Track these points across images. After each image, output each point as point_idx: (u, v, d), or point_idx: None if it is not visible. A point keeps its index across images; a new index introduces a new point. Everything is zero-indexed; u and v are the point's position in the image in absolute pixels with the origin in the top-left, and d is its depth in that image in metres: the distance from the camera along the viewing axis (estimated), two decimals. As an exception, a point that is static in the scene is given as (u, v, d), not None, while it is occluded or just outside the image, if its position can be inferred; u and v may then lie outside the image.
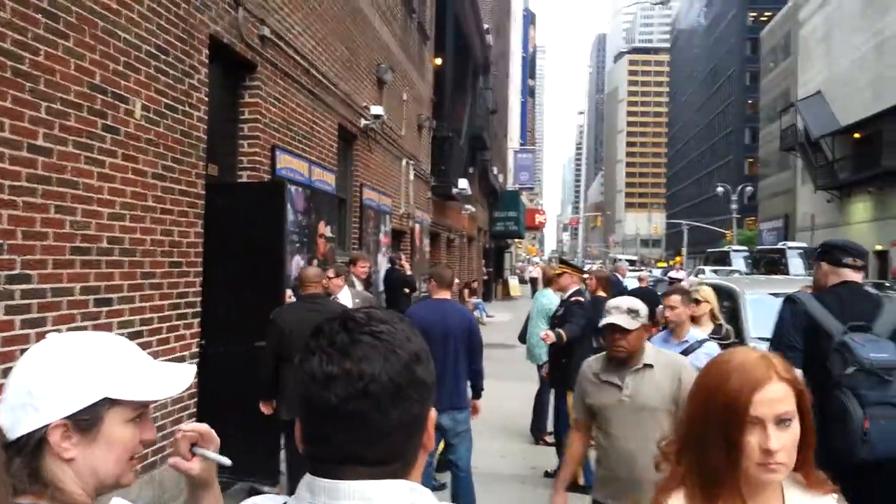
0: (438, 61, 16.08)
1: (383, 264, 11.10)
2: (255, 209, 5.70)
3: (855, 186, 32.91)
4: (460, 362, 4.56)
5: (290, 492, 0.91)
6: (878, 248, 31.53)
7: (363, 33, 9.01)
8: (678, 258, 57.98)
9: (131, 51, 4.11)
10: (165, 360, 1.45)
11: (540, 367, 6.92)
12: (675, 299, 4.15)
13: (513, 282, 35.18)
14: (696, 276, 18.02)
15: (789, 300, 3.33)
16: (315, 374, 0.83)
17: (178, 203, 4.76)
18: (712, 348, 3.85)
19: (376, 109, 9.09)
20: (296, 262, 6.93)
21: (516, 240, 44.34)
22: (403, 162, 11.83)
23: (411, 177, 12.29)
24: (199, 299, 5.03)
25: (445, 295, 4.70)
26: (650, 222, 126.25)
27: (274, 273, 5.58)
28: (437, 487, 5.16)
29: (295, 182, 6.75)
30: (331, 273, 5.98)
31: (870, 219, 32.61)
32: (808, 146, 37.26)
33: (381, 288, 10.90)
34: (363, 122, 8.97)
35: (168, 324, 4.62)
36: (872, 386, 2.86)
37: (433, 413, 0.90)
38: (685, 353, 3.74)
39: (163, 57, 4.47)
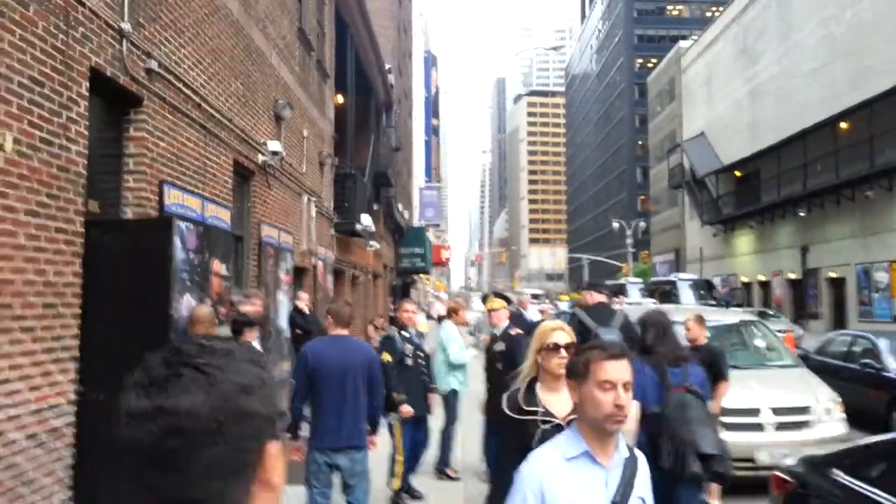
0: (340, 99, 16.13)
1: (284, 303, 10.84)
2: (140, 247, 5.46)
3: (738, 221, 35.27)
4: (360, 400, 4.47)
5: None
6: (761, 278, 33.79)
7: (260, 69, 8.92)
8: (577, 293, 59.69)
9: (2, 82, 3.90)
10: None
11: (445, 398, 6.93)
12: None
13: (420, 318, 35.17)
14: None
15: (571, 314, 6.40)
16: (128, 410, 0.77)
17: (54, 241, 4.48)
18: None
19: (274, 145, 8.96)
20: (186, 302, 6.66)
21: (423, 275, 44.54)
22: (305, 198, 11.69)
23: (313, 213, 12.15)
24: (76, 343, 4.73)
25: (343, 332, 4.61)
26: (553, 257, 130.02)
27: (159, 313, 5.33)
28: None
29: (186, 218, 6.52)
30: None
31: (752, 251, 34.97)
32: (693, 184, 39.74)
33: (284, 325, 10.62)
34: (261, 157, 8.82)
35: (41, 369, 4.31)
36: None
37: (274, 446, 0.84)
38: None
39: (37, 89, 4.25)
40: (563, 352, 2.81)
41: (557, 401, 2.79)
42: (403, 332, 6.28)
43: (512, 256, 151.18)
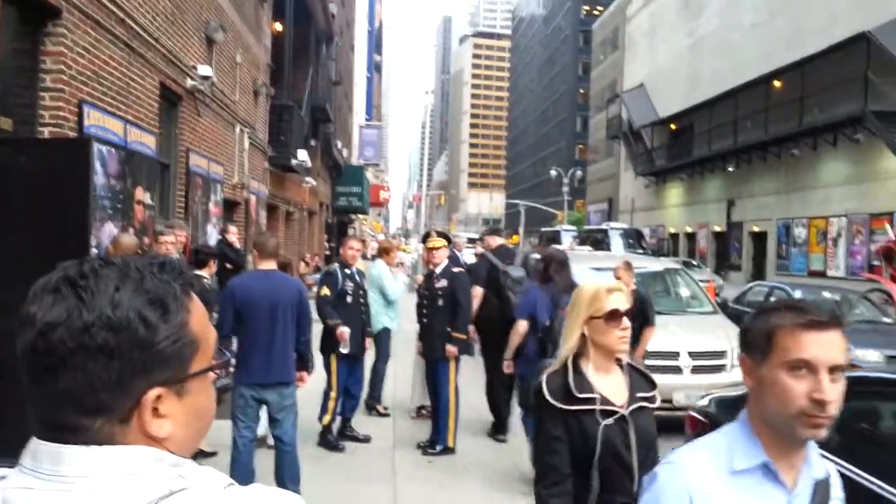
0: (279, 27, 15.45)
1: (214, 235, 10.55)
2: (55, 169, 5.14)
3: (669, 173, 36.15)
4: (289, 335, 4.42)
5: None
6: (688, 230, 34.96)
7: (190, -13, 8.42)
8: (515, 237, 60.60)
9: None
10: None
11: (376, 337, 6.93)
12: None
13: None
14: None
15: (480, 255, 7.34)
16: (27, 319, 0.74)
17: (-42, 158, 4.18)
18: None
19: (204, 70, 8.54)
20: (108, 230, 6.38)
21: (360, 215, 44.14)
22: (237, 129, 11.28)
23: (246, 145, 11.75)
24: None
25: (270, 265, 4.51)
26: (491, 202, 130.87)
27: (77, 241, 5.08)
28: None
29: (107, 142, 6.18)
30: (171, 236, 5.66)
31: (681, 203, 36.03)
32: (630, 135, 40.33)
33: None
34: (190, 82, 8.39)
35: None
36: (512, 285, 6.34)
37: (152, 394, 0.76)
38: None
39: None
40: (625, 321, 2.23)
41: (608, 384, 2.22)
42: (346, 270, 6.20)
43: (451, 200, 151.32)
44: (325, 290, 6.06)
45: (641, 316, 6.29)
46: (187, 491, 0.73)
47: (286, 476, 4.40)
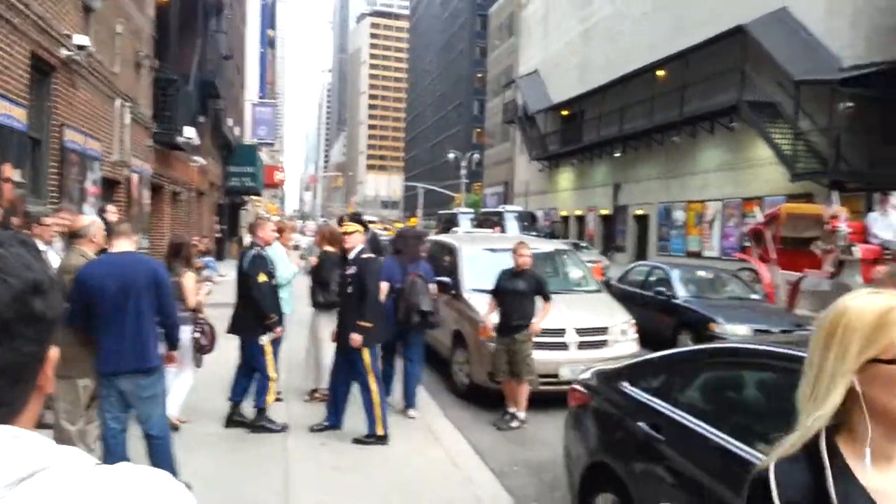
0: (163, -4, 14.62)
1: (91, 216, 9.94)
2: None
3: (561, 158, 37.35)
4: (144, 320, 4.13)
5: None
6: (578, 212, 36.31)
7: (62, -52, 7.82)
8: (413, 219, 60.79)
9: None
10: None
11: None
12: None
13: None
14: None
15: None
16: None
17: None
18: None
19: (81, 39, 7.97)
20: (-30, 210, 5.89)
21: (254, 197, 42.81)
22: (118, 103, 10.63)
23: (127, 120, 11.10)
24: None
25: (125, 246, 4.24)
26: (390, 184, 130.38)
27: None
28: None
29: (-33, 114, 5.68)
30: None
31: (572, 187, 37.34)
32: (525, 120, 41.27)
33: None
34: (64, 52, 7.82)
35: None
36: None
37: (54, 352, 0.78)
38: None
39: None
40: None
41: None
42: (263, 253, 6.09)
43: (349, 182, 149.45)
44: (263, 277, 5.91)
45: (537, 293, 6.70)
46: (50, 470, 0.71)
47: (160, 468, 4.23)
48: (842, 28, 18.94)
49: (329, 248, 7.41)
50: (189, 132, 15.07)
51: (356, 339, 5.77)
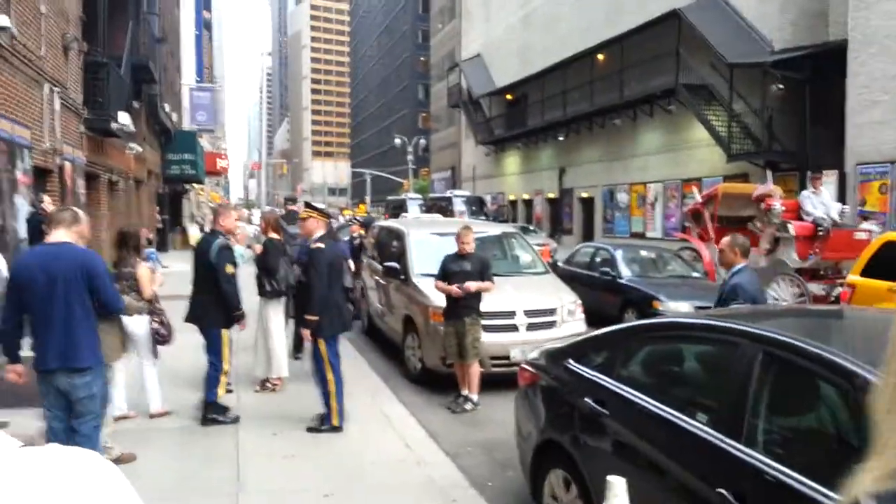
0: (91, -24, 14.00)
1: (23, 207, 9.53)
2: None
3: (507, 142, 37.54)
4: (74, 315, 3.88)
5: None
6: (525, 196, 36.65)
7: (-22, -77, 7.39)
8: (361, 206, 60.36)
9: None
10: None
11: None
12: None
13: (193, 230, 33.07)
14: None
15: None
16: None
17: None
18: None
19: (2, 20, 7.57)
20: None
21: (196, 185, 41.74)
22: (46, 88, 10.16)
23: (57, 106, 10.63)
24: None
25: (63, 237, 3.98)
26: (336, 171, 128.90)
27: None
28: None
29: None
30: None
31: (519, 171, 37.63)
32: (470, 104, 41.29)
33: (24, 235, 9.39)
34: (-17, 34, 7.43)
35: None
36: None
37: None
38: None
39: None
40: None
41: None
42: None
43: (294, 169, 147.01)
44: (230, 269, 5.83)
45: (482, 275, 6.73)
46: None
47: None
48: (772, 13, 19.53)
49: (274, 236, 7.30)
50: (123, 118, 14.54)
51: (304, 332, 5.77)
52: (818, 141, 17.36)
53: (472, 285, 6.58)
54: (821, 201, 11.01)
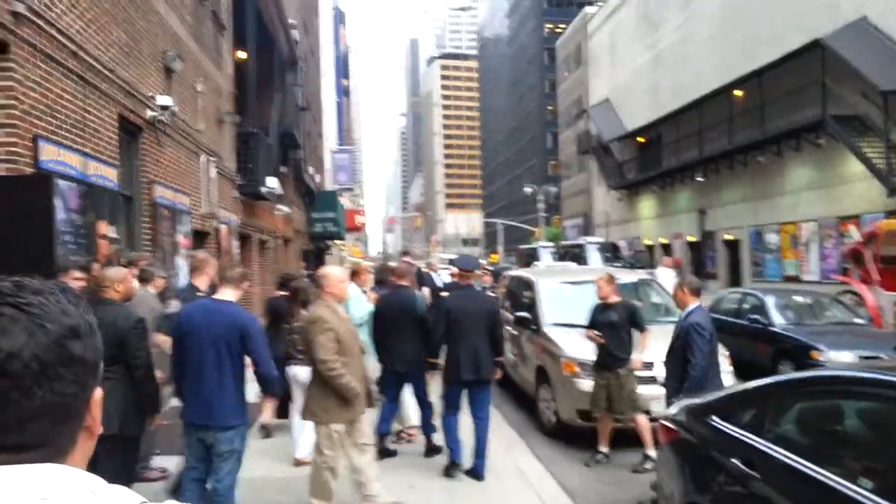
0: (243, 55, 15.40)
1: (183, 267, 10.39)
2: (15, 204, 5.06)
3: (641, 186, 36.53)
4: (226, 372, 3.99)
5: None
6: (663, 241, 35.29)
7: (145, 17, 8.34)
8: (494, 255, 60.69)
9: None
10: None
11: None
12: None
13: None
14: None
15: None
16: None
17: None
18: None
19: (164, 100, 8.44)
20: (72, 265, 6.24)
21: (338, 241, 43.93)
22: (203, 158, 11.16)
23: (213, 174, 11.63)
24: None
25: (229, 294, 4.18)
26: (469, 222, 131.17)
27: (44, 275, 5.01)
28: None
29: (65, 176, 6.06)
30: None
31: (654, 215, 36.39)
32: (600, 149, 40.77)
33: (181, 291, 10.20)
34: (149, 113, 8.29)
35: None
36: None
37: (98, 393, 0.83)
38: None
39: None
40: None
41: None
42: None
43: (428, 221, 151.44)
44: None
45: (632, 324, 6.52)
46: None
47: None
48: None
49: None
50: (272, 182, 15.64)
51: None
52: None
53: (636, 362, 6.44)
54: None
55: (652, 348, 7.20)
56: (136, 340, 4.08)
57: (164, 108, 8.41)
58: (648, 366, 7.02)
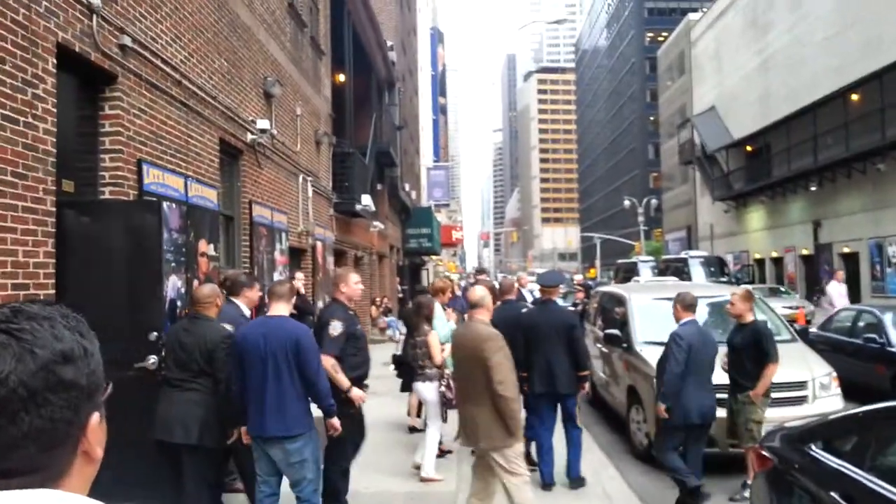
0: (342, 78, 15.94)
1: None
2: (123, 228, 5.43)
3: (749, 197, 34.75)
4: (285, 385, 4.11)
5: None
6: (774, 254, 33.39)
7: (246, 46, 8.78)
8: (592, 270, 59.56)
9: (-44, 57, 3.81)
10: None
11: None
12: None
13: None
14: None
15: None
16: None
17: (23, 221, 4.42)
18: None
19: (263, 123, 8.84)
20: (172, 283, 6.60)
21: (433, 256, 44.45)
22: (300, 178, 11.59)
23: (310, 193, 12.05)
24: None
25: (281, 310, 4.34)
26: (566, 236, 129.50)
27: (149, 296, 5.37)
28: None
29: (167, 198, 6.44)
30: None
31: (764, 227, 34.51)
32: (704, 159, 39.16)
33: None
34: (249, 136, 8.70)
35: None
36: None
37: (94, 418, 0.82)
38: None
39: (-1, 65, 4.16)
40: None
41: None
42: None
43: (525, 236, 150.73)
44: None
45: (758, 350, 5.84)
46: None
47: None
48: None
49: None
50: (366, 200, 16.04)
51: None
52: None
53: (754, 394, 5.81)
54: None
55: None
56: (223, 354, 4.29)
57: (263, 131, 8.81)
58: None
